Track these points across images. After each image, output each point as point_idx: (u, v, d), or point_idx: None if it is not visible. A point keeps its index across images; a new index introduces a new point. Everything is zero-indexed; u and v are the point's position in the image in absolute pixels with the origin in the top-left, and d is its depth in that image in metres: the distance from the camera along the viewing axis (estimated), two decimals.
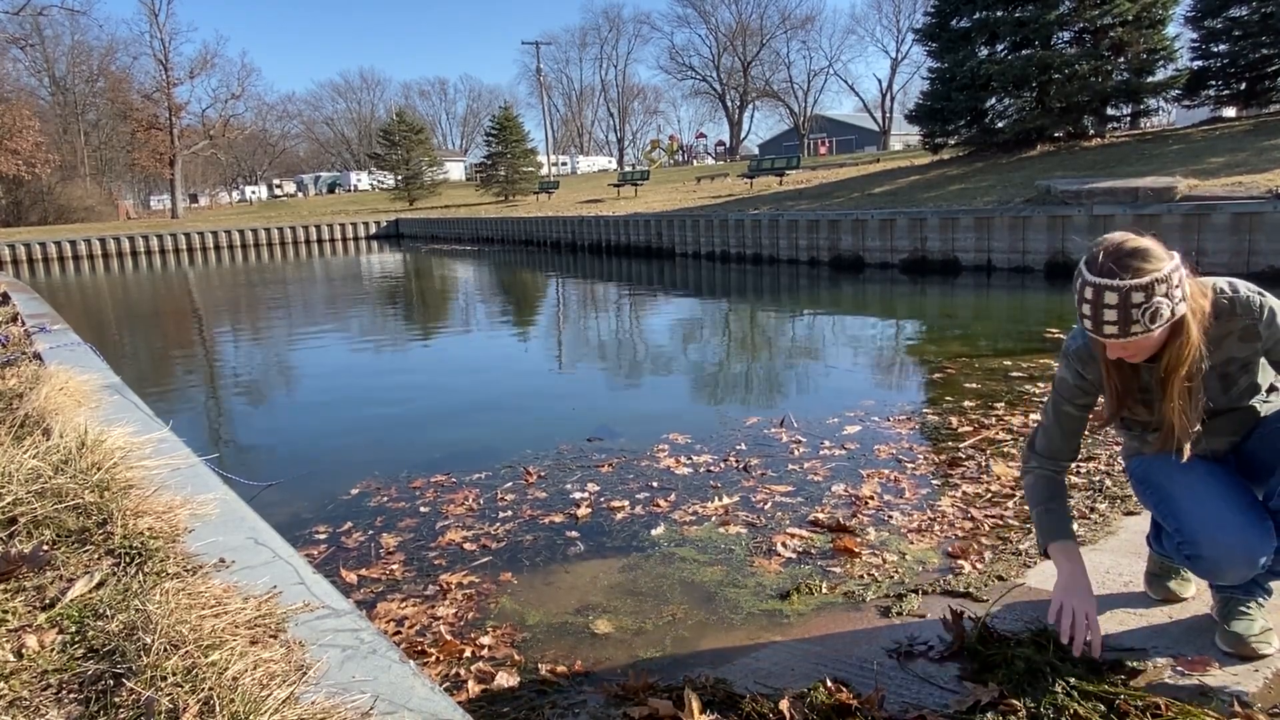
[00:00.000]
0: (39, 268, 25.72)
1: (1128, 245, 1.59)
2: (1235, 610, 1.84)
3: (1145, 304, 1.56)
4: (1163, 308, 1.56)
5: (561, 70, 79.60)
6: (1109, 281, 1.57)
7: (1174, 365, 1.66)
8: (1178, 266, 1.59)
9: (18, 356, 4.39)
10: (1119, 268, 1.57)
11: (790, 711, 1.78)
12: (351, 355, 8.61)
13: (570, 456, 4.16)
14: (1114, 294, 1.56)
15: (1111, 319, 1.58)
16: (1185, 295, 1.61)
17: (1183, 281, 1.60)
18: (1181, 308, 1.60)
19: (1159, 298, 1.56)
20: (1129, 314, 1.57)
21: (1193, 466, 1.81)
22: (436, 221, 31.38)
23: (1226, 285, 1.72)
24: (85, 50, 53.81)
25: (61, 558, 1.86)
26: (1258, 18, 16.34)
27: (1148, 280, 1.55)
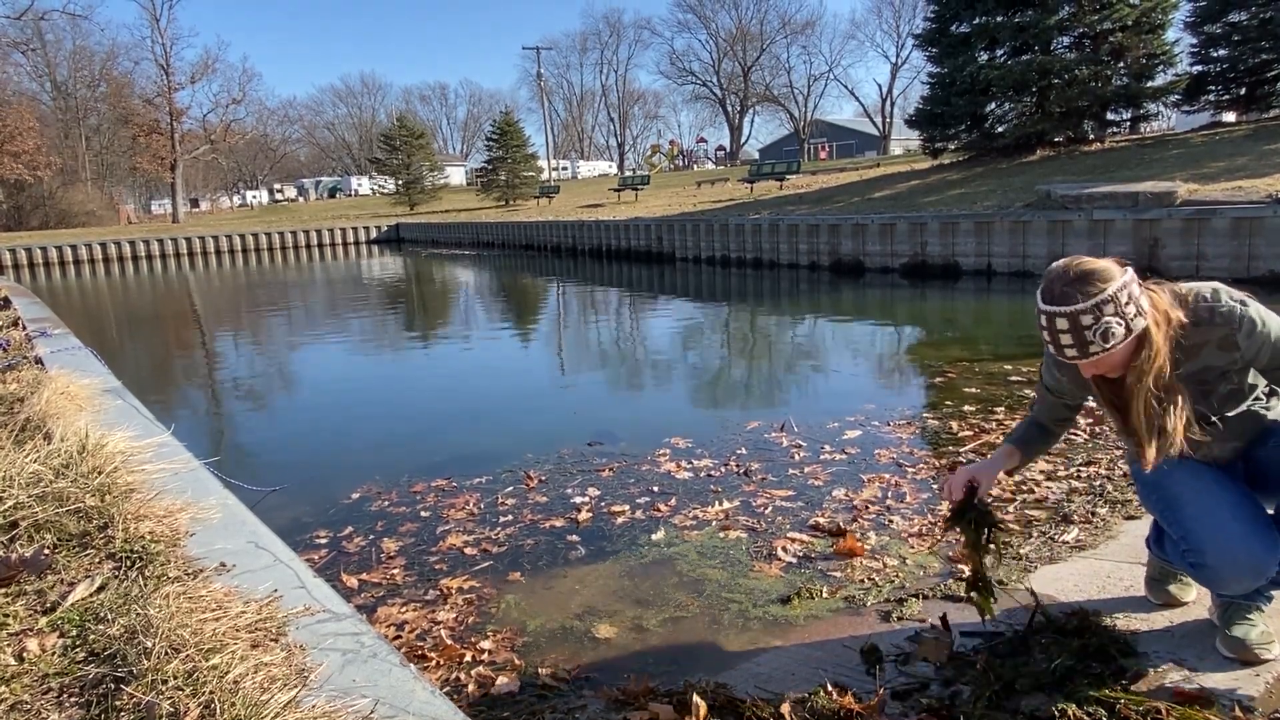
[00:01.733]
0: (40, 272, 25.75)
1: (1073, 270, 1.63)
2: (1237, 616, 1.84)
3: (1095, 325, 1.60)
4: (1113, 327, 1.60)
5: (562, 75, 79.76)
6: (1057, 309, 1.62)
7: (1137, 377, 1.68)
8: (1126, 284, 1.62)
9: (19, 361, 4.39)
10: (1066, 294, 1.62)
11: (791, 715, 1.78)
12: (352, 360, 8.61)
13: (571, 461, 4.16)
14: (1064, 319, 1.62)
15: (1069, 343, 1.63)
16: (1142, 309, 1.63)
17: (1135, 298, 1.62)
18: (1139, 322, 1.63)
19: (1108, 318, 1.59)
20: (1083, 336, 1.61)
21: (1200, 473, 1.81)
22: (437, 226, 31.41)
23: (1209, 293, 1.71)
24: (87, 55, 53.94)
25: (62, 562, 1.86)
26: (1257, 23, 16.38)
27: (1093, 303, 1.59)
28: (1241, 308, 1.68)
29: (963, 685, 1.86)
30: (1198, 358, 1.73)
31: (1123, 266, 1.64)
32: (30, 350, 4.93)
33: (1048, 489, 3.26)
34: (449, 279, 18.34)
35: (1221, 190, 10.12)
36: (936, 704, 1.79)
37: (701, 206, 20.30)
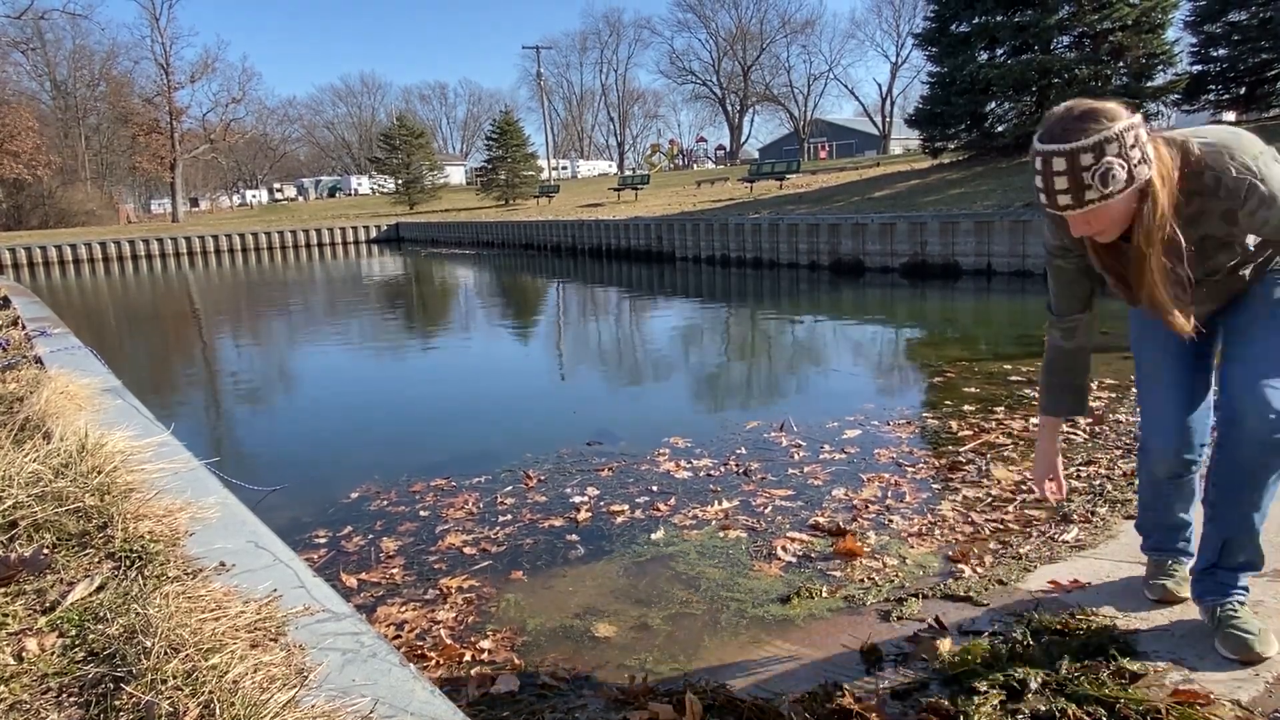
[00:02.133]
0: (39, 271, 25.74)
1: (1078, 108, 1.48)
2: (1229, 615, 1.83)
3: (1095, 165, 1.44)
4: (1115, 169, 1.44)
5: (562, 75, 79.81)
6: (1055, 146, 1.46)
7: (1147, 240, 1.52)
8: (1134, 125, 1.47)
9: (18, 360, 4.39)
10: (1067, 131, 1.46)
11: (791, 715, 1.78)
12: (352, 359, 8.61)
13: (570, 460, 4.16)
14: (1061, 159, 1.46)
15: (1063, 186, 1.47)
16: (1146, 157, 1.48)
17: (1141, 142, 1.47)
18: (1143, 170, 1.47)
19: (1110, 158, 1.44)
20: (1080, 179, 1.45)
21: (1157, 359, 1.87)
22: (437, 225, 31.40)
23: (1214, 158, 1.54)
24: (86, 54, 53.95)
25: (62, 561, 1.86)
26: (1257, 22, 16.39)
27: (1096, 140, 1.44)
28: (1248, 179, 1.53)
29: (962, 685, 1.86)
30: (1198, 226, 1.61)
31: (1130, 107, 1.49)
32: (30, 350, 4.93)
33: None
34: (449, 278, 18.34)
35: None
36: (935, 704, 1.79)
37: (701, 206, 20.30)
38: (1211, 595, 1.89)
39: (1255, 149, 1.56)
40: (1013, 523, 2.96)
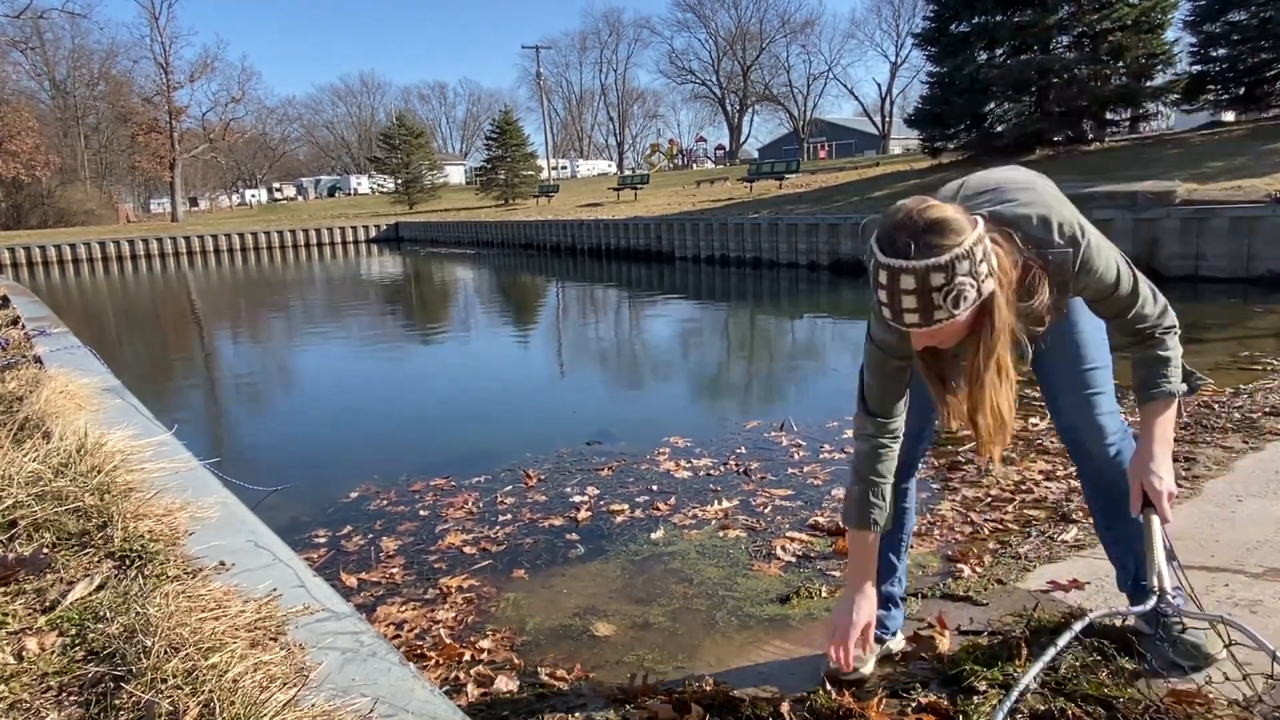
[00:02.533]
0: (39, 271, 25.73)
1: (924, 217, 1.33)
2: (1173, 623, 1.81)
3: (946, 286, 1.31)
4: (966, 289, 1.33)
5: (561, 74, 79.80)
6: (904, 263, 1.32)
7: (987, 352, 1.44)
8: (982, 237, 1.35)
9: (18, 360, 4.39)
10: (916, 246, 1.32)
11: (790, 714, 1.78)
12: (351, 359, 8.61)
13: (570, 460, 4.16)
14: (910, 277, 1.32)
15: (911, 306, 1.34)
16: (991, 268, 1.37)
17: (988, 253, 1.36)
18: (989, 284, 1.37)
19: (961, 277, 1.32)
20: (929, 299, 1.33)
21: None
22: (436, 225, 31.39)
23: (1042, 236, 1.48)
24: (86, 54, 53.96)
25: (62, 560, 1.86)
26: (1256, 22, 16.40)
27: (948, 259, 1.31)
28: (1074, 252, 1.48)
29: (961, 684, 1.86)
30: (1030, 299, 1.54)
31: (972, 216, 1.38)
32: (29, 349, 4.92)
33: (1046, 488, 3.26)
34: (448, 278, 18.33)
35: (1220, 190, 10.13)
36: (934, 703, 1.79)
37: (701, 206, 20.30)
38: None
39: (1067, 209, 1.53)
40: (1012, 522, 2.96)
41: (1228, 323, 7.06)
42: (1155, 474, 1.66)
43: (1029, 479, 3.38)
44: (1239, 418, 3.91)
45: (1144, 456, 1.67)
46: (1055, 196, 1.57)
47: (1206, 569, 2.33)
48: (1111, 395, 1.83)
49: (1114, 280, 1.55)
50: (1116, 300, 1.59)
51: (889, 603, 2.02)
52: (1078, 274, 1.51)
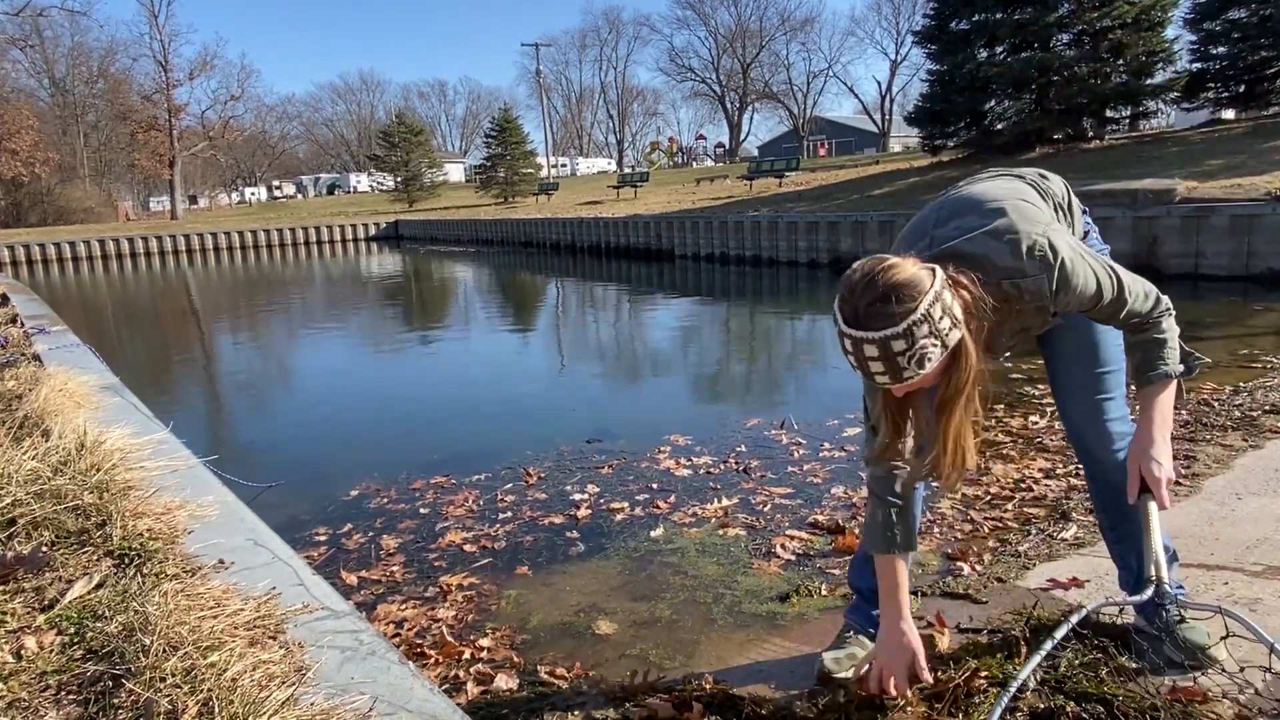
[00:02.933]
0: (38, 269, 25.72)
1: (880, 284, 1.35)
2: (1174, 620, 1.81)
3: (909, 350, 1.34)
4: (929, 349, 1.35)
5: (561, 72, 79.74)
6: (863, 334, 1.35)
7: (954, 394, 1.47)
8: (939, 293, 1.36)
9: (17, 358, 4.39)
10: (874, 315, 1.34)
11: (791, 712, 1.78)
12: (351, 357, 8.61)
13: (570, 458, 4.16)
14: (872, 346, 1.35)
15: (878, 370, 1.38)
16: (956, 318, 1.39)
17: (949, 308, 1.37)
18: (954, 335, 1.39)
19: (923, 340, 1.35)
20: (895, 362, 1.36)
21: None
22: (436, 223, 31.38)
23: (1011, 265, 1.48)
24: (85, 51, 53.92)
25: (60, 559, 1.85)
26: (1256, 20, 16.39)
27: (905, 326, 1.33)
28: (1048, 275, 1.47)
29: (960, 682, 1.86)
30: (1013, 325, 1.59)
31: (929, 269, 1.39)
32: (28, 347, 4.92)
33: (1046, 487, 3.26)
34: (448, 276, 18.33)
35: (1220, 188, 10.12)
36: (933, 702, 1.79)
37: (701, 204, 20.29)
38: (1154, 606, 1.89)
39: (1037, 231, 1.49)
40: (1012, 521, 2.96)
41: (1227, 321, 7.05)
42: (1154, 460, 1.64)
43: (1029, 477, 3.38)
44: (1239, 415, 3.91)
45: (1142, 442, 1.66)
46: (1026, 215, 1.53)
47: (1206, 567, 2.33)
48: (1122, 399, 1.83)
49: (1095, 291, 1.53)
50: (1102, 309, 1.59)
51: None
52: (1055, 294, 1.49)
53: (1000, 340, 1.61)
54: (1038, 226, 1.50)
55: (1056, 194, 1.76)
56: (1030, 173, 1.78)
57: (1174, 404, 1.68)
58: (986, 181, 1.72)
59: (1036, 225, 1.50)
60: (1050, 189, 1.75)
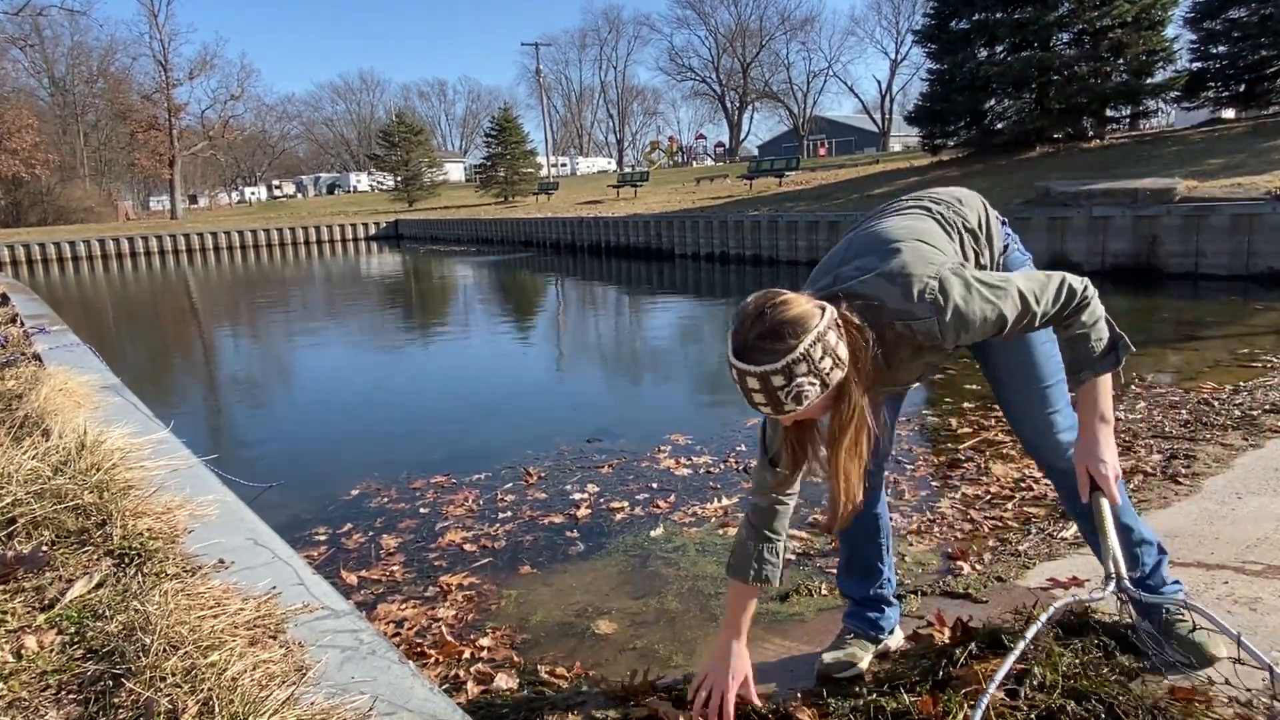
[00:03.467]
0: (38, 269, 25.71)
1: (768, 319, 1.40)
2: (1175, 620, 1.81)
3: (786, 387, 1.39)
4: (806, 388, 1.40)
5: (561, 71, 79.70)
6: (746, 367, 1.41)
7: (838, 431, 1.51)
8: (822, 334, 1.40)
9: (17, 357, 4.39)
10: (757, 350, 1.39)
11: (791, 711, 1.78)
12: (351, 356, 8.61)
13: (570, 457, 4.16)
14: (754, 379, 1.41)
15: (760, 401, 1.44)
16: (839, 359, 1.43)
17: (831, 348, 1.41)
18: (836, 375, 1.43)
19: (800, 378, 1.39)
20: (775, 396, 1.41)
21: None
22: (436, 223, 31.38)
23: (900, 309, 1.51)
24: (85, 51, 53.90)
25: (61, 558, 1.85)
26: (1257, 19, 16.38)
27: (784, 364, 1.38)
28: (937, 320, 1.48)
29: (959, 681, 1.86)
30: (915, 360, 1.63)
31: (820, 307, 1.43)
32: (28, 347, 4.92)
33: (1046, 486, 3.26)
34: (448, 276, 18.33)
35: (1220, 187, 10.12)
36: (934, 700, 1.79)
37: (701, 203, 20.29)
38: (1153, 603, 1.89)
39: (929, 274, 1.50)
40: (1011, 520, 2.96)
41: (1227, 320, 7.05)
42: (1099, 459, 1.65)
43: (1029, 476, 3.38)
44: (1239, 415, 3.91)
45: (1086, 442, 1.67)
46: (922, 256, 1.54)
47: (1206, 566, 2.33)
48: (1068, 407, 1.83)
49: (996, 320, 1.51)
50: (1012, 330, 1.57)
51: (880, 603, 2.03)
52: (946, 334, 1.50)
53: (903, 373, 1.65)
54: (931, 268, 1.52)
55: (970, 219, 1.75)
56: (943, 202, 1.76)
57: (1113, 391, 1.67)
58: (894, 218, 1.73)
59: (930, 267, 1.52)
60: (962, 216, 1.74)
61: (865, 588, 2.02)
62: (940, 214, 1.73)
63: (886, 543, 2.04)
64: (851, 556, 2.04)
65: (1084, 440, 1.67)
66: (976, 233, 1.75)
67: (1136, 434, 3.81)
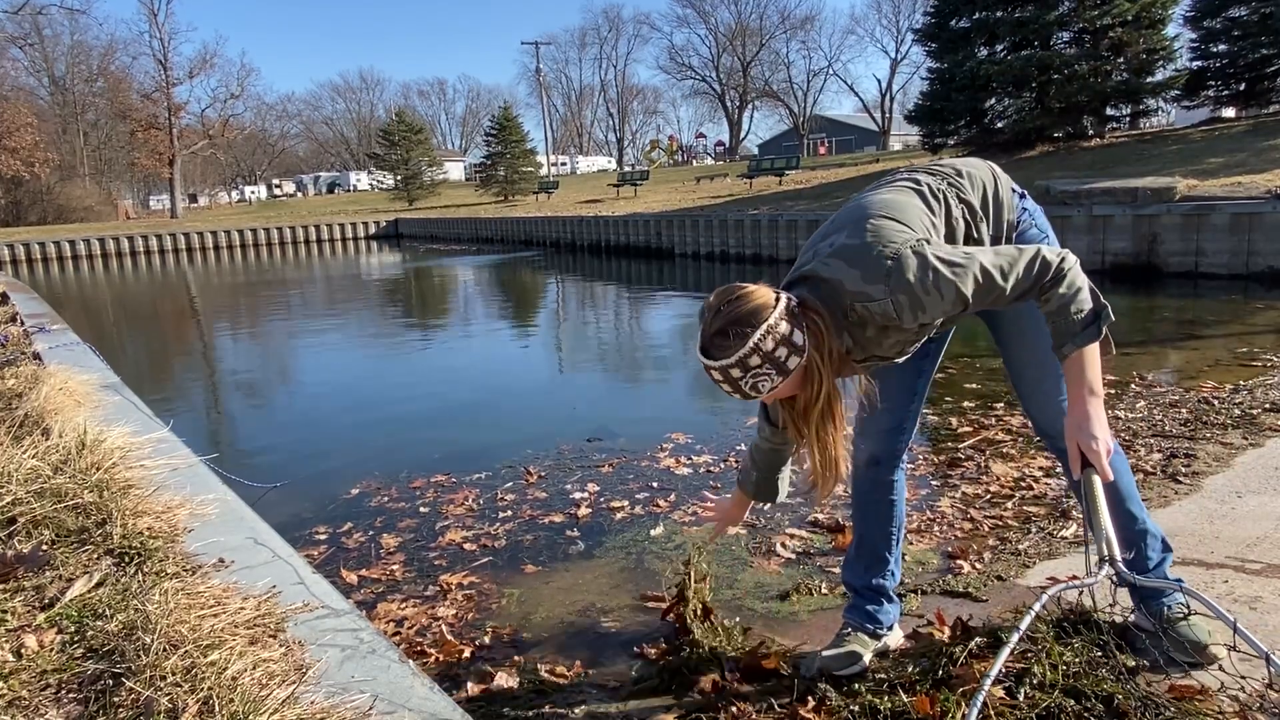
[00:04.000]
0: (38, 268, 25.71)
1: (724, 315, 1.47)
2: (1175, 617, 1.81)
3: (743, 378, 1.48)
4: (762, 379, 1.48)
5: (561, 70, 79.68)
6: (707, 362, 1.50)
7: (805, 408, 1.58)
8: (774, 325, 1.46)
9: (17, 356, 4.39)
10: (713, 346, 1.48)
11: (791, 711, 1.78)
12: (351, 355, 8.60)
13: (570, 457, 4.16)
14: (716, 372, 1.50)
15: (728, 390, 1.52)
16: (796, 346, 1.48)
17: (785, 338, 1.47)
18: (794, 361, 1.49)
19: (755, 369, 1.47)
20: (738, 386, 1.50)
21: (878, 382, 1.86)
22: (436, 221, 31.37)
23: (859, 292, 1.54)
24: (84, 50, 53.87)
25: (61, 557, 1.85)
26: (1257, 18, 16.37)
27: (737, 358, 1.45)
28: (892, 299, 1.51)
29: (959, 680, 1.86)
30: (886, 339, 1.65)
31: (776, 297, 1.49)
32: (28, 346, 4.92)
33: (1046, 485, 3.26)
34: (448, 275, 18.32)
35: (1221, 186, 10.12)
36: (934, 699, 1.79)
37: (701, 202, 20.28)
38: (1155, 598, 1.89)
39: (887, 254, 1.52)
40: (1011, 519, 2.96)
41: (1228, 319, 7.05)
42: (1089, 434, 1.62)
43: (1029, 475, 3.38)
44: (1239, 414, 3.91)
45: (1075, 417, 1.64)
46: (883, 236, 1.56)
47: (1206, 565, 2.33)
48: None
49: (956, 297, 1.51)
50: (987, 303, 1.57)
51: (880, 596, 2.03)
52: (902, 315, 1.52)
53: (877, 350, 1.67)
54: (890, 248, 1.53)
55: (969, 192, 1.74)
56: (939, 175, 1.76)
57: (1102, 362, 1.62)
58: (880, 192, 1.74)
59: (890, 246, 1.54)
60: (958, 188, 1.73)
61: (869, 576, 2.03)
62: (929, 186, 1.73)
63: (898, 534, 2.04)
64: (861, 542, 2.05)
65: (1073, 415, 1.64)
66: (974, 206, 1.75)
67: (1136, 433, 3.81)
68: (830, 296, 1.56)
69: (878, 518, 2.01)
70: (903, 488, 2.03)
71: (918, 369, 1.95)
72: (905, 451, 2.02)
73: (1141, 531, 1.85)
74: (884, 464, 1.98)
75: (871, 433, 1.97)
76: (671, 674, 2.04)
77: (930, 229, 1.64)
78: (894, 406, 1.92)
